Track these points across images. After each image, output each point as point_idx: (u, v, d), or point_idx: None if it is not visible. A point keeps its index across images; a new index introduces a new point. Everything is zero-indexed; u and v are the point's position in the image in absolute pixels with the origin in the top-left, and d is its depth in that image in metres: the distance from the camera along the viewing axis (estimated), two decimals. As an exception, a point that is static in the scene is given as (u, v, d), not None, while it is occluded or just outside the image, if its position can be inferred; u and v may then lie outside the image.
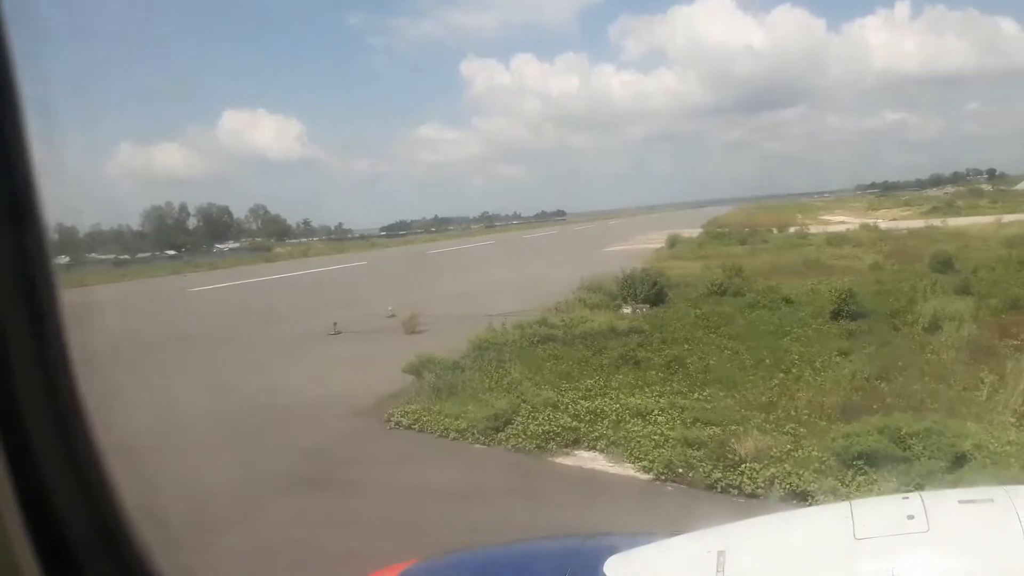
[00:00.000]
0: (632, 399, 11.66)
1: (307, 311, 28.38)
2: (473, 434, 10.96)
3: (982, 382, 11.04)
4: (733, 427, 9.86)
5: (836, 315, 17.31)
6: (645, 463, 9.21)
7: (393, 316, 24.01)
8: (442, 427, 11.37)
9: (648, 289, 20.80)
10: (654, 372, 13.51)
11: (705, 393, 11.94)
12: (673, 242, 47.52)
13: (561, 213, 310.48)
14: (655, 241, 56.00)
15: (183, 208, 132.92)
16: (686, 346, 15.49)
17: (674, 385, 12.51)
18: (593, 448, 10.15)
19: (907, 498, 1.77)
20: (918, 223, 51.54)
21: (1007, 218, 48.79)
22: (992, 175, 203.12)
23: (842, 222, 66.20)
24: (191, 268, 64.70)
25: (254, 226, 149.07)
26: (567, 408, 11.42)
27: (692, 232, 63.09)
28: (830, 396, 11.01)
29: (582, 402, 11.75)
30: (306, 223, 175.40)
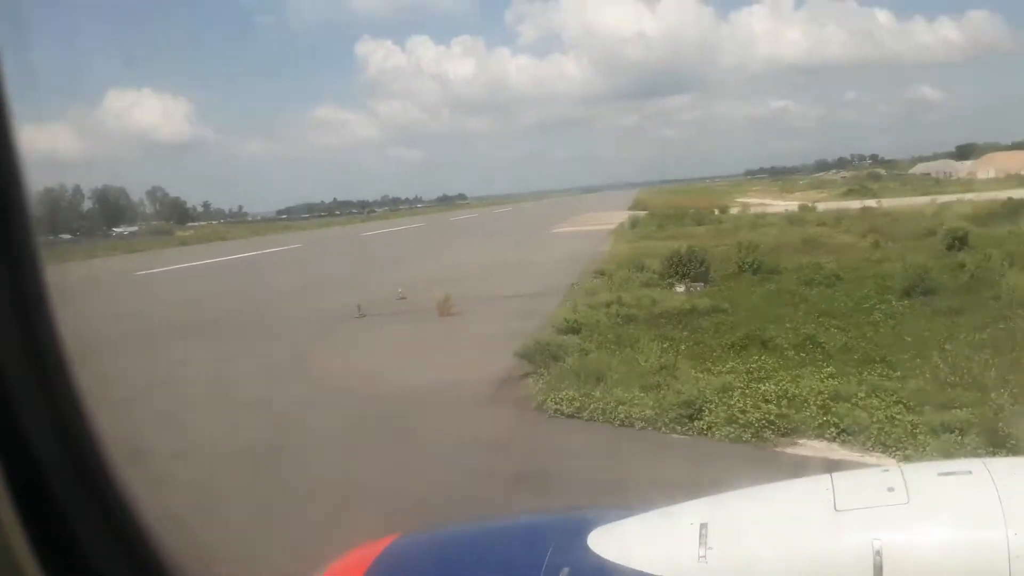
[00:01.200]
0: (810, 381, 10.90)
1: (301, 295, 26.78)
2: (665, 423, 9.97)
3: None
4: (968, 408, 9.16)
5: (908, 292, 17.01)
6: (909, 452, 8.43)
7: (404, 298, 22.85)
8: (620, 415, 10.33)
9: (697, 267, 20.14)
10: (791, 352, 12.81)
11: (878, 373, 11.27)
12: (634, 223, 47.22)
13: (462, 197, 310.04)
14: (601, 222, 55.81)
15: (77, 190, 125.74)
16: (788, 324, 14.85)
17: (834, 366, 11.79)
18: (821, 437, 9.30)
19: (887, 470, 1.79)
20: (853, 204, 52.76)
21: (942, 199, 50.72)
22: (876, 160, 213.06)
23: (765, 204, 67.71)
24: (105, 252, 60.75)
25: (151, 209, 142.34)
26: (750, 393, 10.55)
27: (622, 215, 63.32)
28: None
29: (755, 385, 10.92)
30: (206, 206, 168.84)
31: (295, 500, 8.17)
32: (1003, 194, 50.88)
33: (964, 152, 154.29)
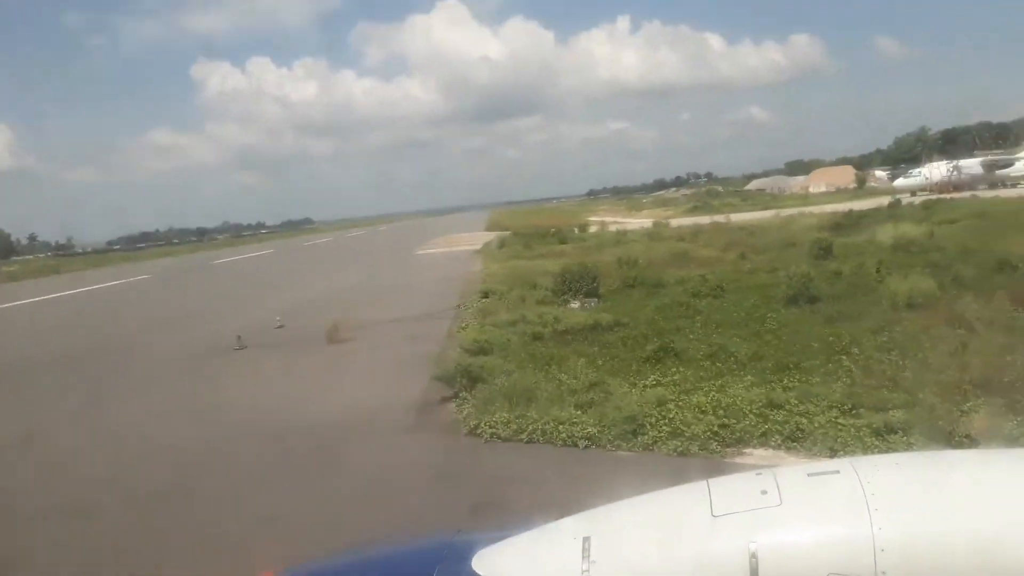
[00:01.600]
0: (736, 390, 11.01)
1: (169, 328, 25.24)
2: (609, 440, 9.79)
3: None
4: (903, 409, 9.44)
5: (793, 300, 17.65)
6: (860, 455, 8.57)
7: (282, 327, 21.95)
8: (561, 435, 10.07)
9: (589, 283, 20.26)
10: (706, 362, 12.95)
11: (797, 379, 11.51)
12: (501, 242, 47.39)
13: (309, 221, 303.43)
14: (464, 243, 55.83)
15: None
16: (691, 335, 15.08)
17: (751, 374, 11.97)
18: (766, 445, 9.34)
19: (760, 474, 1.86)
20: (702, 220, 55.05)
21: (785, 212, 53.79)
22: (711, 178, 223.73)
23: (619, 221, 69.74)
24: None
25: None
26: (684, 405, 10.54)
27: (482, 236, 63.72)
28: (943, 373, 10.96)
29: (686, 397, 10.93)
30: (32, 239, 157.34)
31: (233, 552, 7.43)
32: (840, 206, 54.62)
33: (793, 168, 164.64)
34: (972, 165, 69.68)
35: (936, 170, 70.10)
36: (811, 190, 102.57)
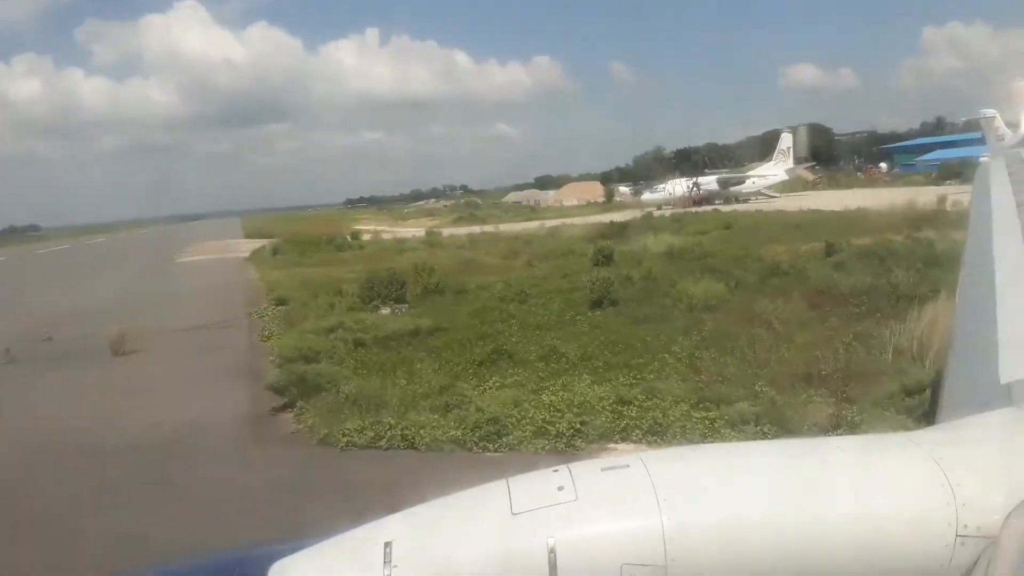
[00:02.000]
0: (580, 388, 11.38)
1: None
2: (475, 442, 9.75)
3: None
4: (747, 402, 10.15)
5: (597, 304, 18.46)
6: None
7: (50, 339, 19.97)
8: (424, 440, 9.89)
9: (397, 289, 20.02)
10: (540, 364, 13.25)
11: (632, 376, 12.05)
12: (274, 249, 45.58)
13: (35, 228, 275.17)
14: (227, 251, 53.31)
15: None
16: (512, 338, 15.38)
17: (587, 374, 12.39)
18: (628, 439, 9.69)
19: (557, 470, 1.94)
20: (473, 229, 56.23)
21: (549, 223, 56.22)
22: (466, 190, 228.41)
23: (390, 230, 69.69)
24: None
25: None
26: (538, 404, 10.73)
27: (244, 243, 61.38)
28: (766, 368, 11.92)
29: (537, 397, 11.15)
30: None
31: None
32: (597, 218, 57.85)
33: (543, 183, 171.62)
34: (709, 181, 76.11)
35: (678, 186, 75.64)
36: (564, 203, 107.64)
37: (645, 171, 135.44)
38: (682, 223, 45.93)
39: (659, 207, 67.60)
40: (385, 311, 19.20)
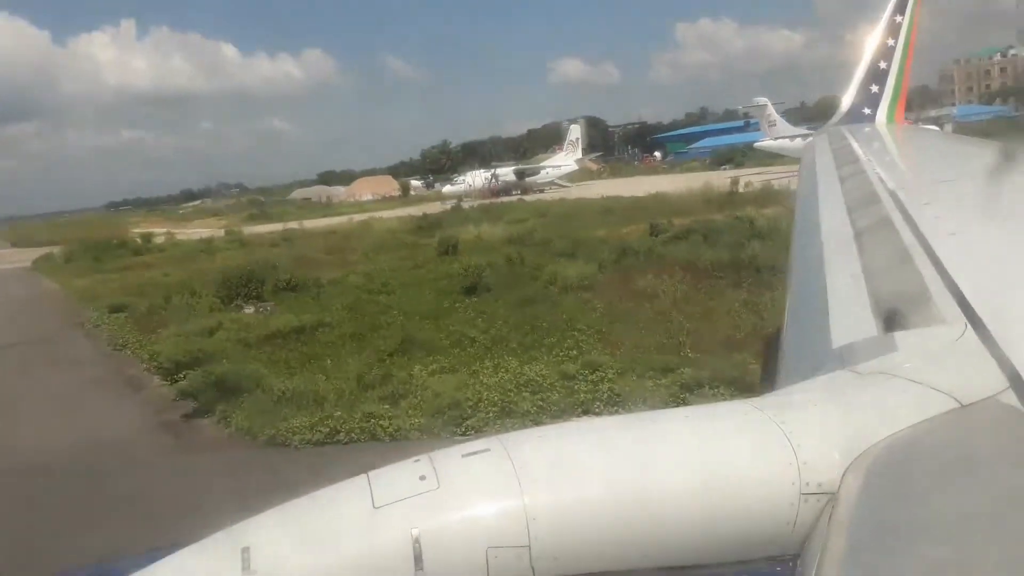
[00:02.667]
0: (517, 369, 11.50)
1: None
2: (441, 427, 9.63)
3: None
4: (689, 369, 10.65)
5: (471, 291, 18.58)
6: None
7: None
8: (388, 430, 9.63)
9: (256, 288, 19.10)
10: (456, 350, 13.26)
11: (557, 354, 12.29)
12: (67, 256, 41.82)
13: None
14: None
15: None
16: (409, 328, 15.15)
17: (511, 356, 12.49)
18: (591, 412, 9.85)
19: (418, 460, 1.92)
20: (275, 227, 54.43)
21: (357, 218, 55.45)
22: (242, 188, 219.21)
23: (182, 232, 66.11)
24: None
25: None
26: (486, 386, 10.74)
27: (17, 252, 56.23)
28: (684, 336, 12.51)
29: (476, 379, 11.16)
30: None
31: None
32: (402, 211, 57.65)
33: (327, 179, 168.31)
34: (507, 173, 77.98)
35: (477, 178, 76.84)
36: (360, 198, 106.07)
37: (433, 165, 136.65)
38: (496, 213, 46.79)
39: (460, 199, 68.30)
40: (249, 310, 18.26)
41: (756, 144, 65.87)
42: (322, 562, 1.74)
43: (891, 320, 2.55)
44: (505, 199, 63.31)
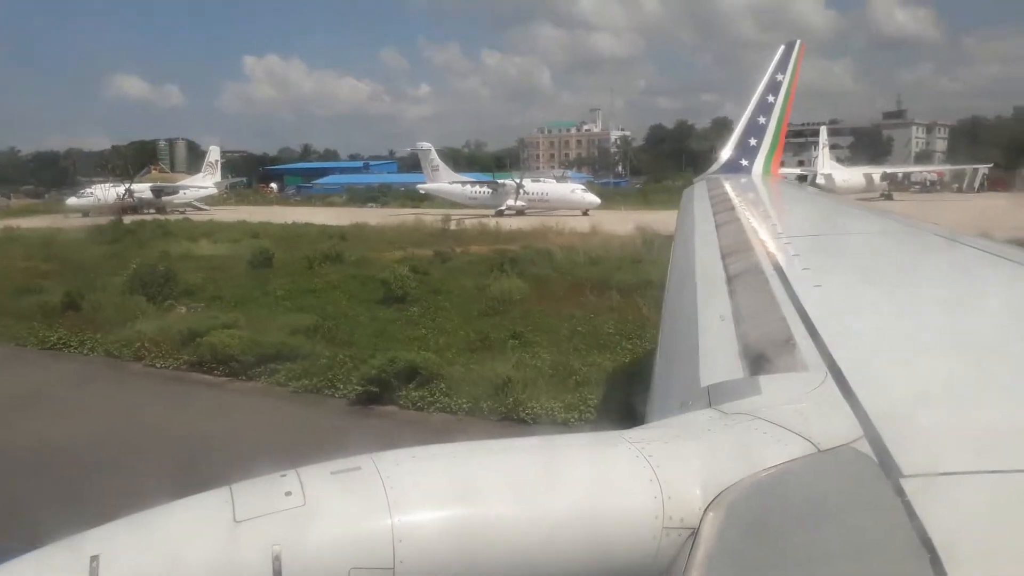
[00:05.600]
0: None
1: None
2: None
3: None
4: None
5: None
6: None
7: None
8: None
9: (174, 288, 20.39)
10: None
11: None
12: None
13: None
14: None
15: None
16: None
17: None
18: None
19: (285, 475, 1.88)
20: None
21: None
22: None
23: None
24: None
25: None
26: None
27: None
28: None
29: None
30: None
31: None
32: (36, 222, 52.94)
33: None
34: (144, 189, 74.37)
35: (108, 192, 71.23)
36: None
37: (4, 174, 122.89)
38: (205, 230, 46.53)
39: (86, 213, 63.88)
40: (182, 310, 19.57)
41: (420, 187, 72.14)
42: (175, 574, 1.72)
43: (757, 363, 2.72)
44: (136, 217, 60.83)
